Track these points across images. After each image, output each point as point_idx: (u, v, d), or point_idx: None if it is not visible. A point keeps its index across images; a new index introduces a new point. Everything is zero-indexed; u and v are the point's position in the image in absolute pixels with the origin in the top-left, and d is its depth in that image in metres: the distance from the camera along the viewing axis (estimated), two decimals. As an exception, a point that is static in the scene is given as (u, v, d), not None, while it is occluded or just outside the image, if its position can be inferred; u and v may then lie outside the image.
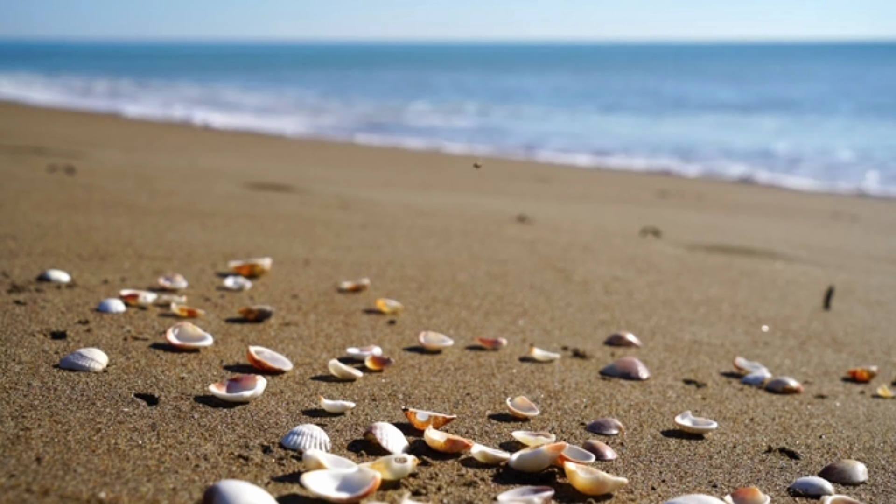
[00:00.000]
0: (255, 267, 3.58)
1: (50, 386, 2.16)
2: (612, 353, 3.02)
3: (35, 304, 2.88)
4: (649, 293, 3.98)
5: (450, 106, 26.49)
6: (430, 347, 2.84)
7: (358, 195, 6.80)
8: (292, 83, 38.28)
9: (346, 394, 2.36)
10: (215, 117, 20.45)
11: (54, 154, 8.21)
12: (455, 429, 2.19)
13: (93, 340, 2.56)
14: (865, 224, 8.16)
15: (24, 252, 3.60)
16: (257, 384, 2.24)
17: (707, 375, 2.86)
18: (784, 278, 4.66)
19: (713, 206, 8.92)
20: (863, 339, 3.52)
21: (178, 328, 2.60)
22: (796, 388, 2.75)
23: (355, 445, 2.01)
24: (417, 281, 3.81)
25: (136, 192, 5.73)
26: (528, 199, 7.97)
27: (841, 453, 2.27)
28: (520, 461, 1.94)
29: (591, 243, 5.22)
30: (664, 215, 7.44)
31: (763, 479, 2.06)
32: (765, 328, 3.55)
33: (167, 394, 2.21)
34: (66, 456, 1.77)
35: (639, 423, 2.36)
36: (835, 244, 6.38)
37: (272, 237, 4.54)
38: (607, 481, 1.86)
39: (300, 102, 27.34)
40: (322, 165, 10.40)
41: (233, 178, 7.33)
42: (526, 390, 2.53)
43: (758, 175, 12.96)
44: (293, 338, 2.83)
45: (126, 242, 4.01)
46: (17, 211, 4.54)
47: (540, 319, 3.37)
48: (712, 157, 15.09)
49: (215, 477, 1.76)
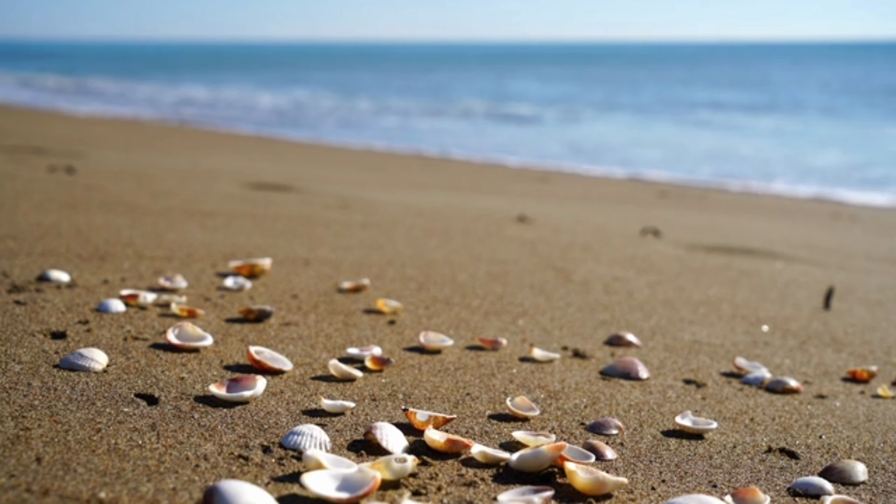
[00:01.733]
0: (255, 267, 3.58)
1: (50, 386, 2.16)
2: (612, 353, 3.02)
3: (35, 304, 2.88)
4: (649, 293, 3.98)
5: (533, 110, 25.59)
6: (430, 347, 2.84)
7: (358, 195, 6.80)
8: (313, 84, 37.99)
9: (346, 394, 2.36)
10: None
11: (54, 154, 8.22)
12: (455, 429, 2.19)
13: (93, 340, 2.56)
14: (865, 224, 8.17)
15: (24, 252, 3.60)
16: (257, 384, 2.24)
17: (707, 375, 2.86)
18: (784, 278, 4.66)
19: (713, 206, 8.92)
20: (863, 339, 3.52)
21: (178, 328, 2.60)
22: (796, 388, 2.75)
23: (355, 445, 2.01)
24: (417, 281, 3.81)
25: (136, 192, 5.73)
26: (528, 199, 7.97)
27: (841, 453, 2.27)
28: (520, 461, 1.94)
29: (591, 243, 5.22)
30: (664, 215, 7.44)
31: (763, 479, 2.06)
32: (765, 328, 3.55)
33: (167, 394, 2.21)
34: (66, 456, 1.77)
35: (639, 423, 2.36)
36: (835, 244, 6.38)
37: (272, 237, 4.54)
38: (607, 481, 1.86)
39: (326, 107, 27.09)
40: (322, 165, 10.40)
41: (233, 178, 7.33)
42: (526, 390, 2.53)
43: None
44: (293, 338, 2.83)
45: (126, 242, 4.01)
46: (17, 211, 4.54)
47: (540, 319, 3.37)
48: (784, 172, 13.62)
49: (215, 477, 1.76)
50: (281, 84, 37.77)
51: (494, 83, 40.74)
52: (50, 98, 25.69)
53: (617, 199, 8.82)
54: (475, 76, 47.80)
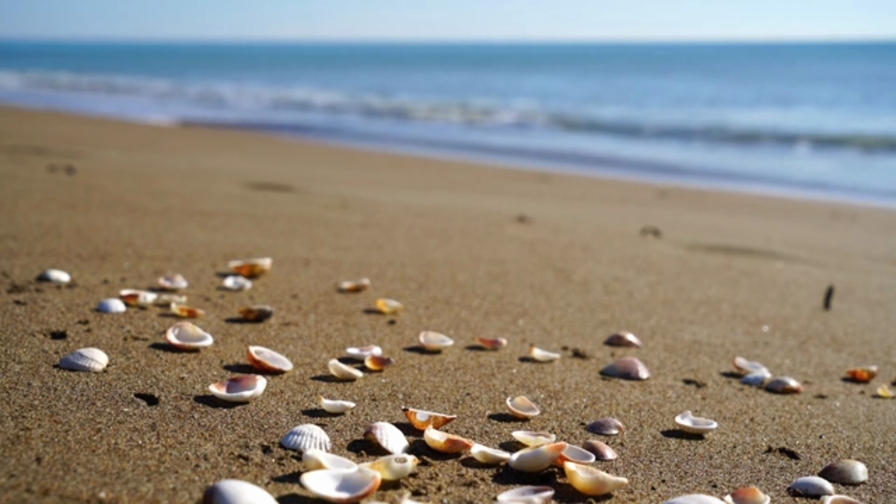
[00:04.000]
0: (255, 267, 3.58)
1: (50, 386, 2.16)
2: (612, 353, 3.02)
3: (35, 304, 2.88)
4: (649, 293, 3.98)
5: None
6: (430, 347, 2.84)
7: (358, 195, 6.80)
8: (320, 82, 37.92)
9: (346, 394, 2.36)
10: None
11: (54, 154, 8.22)
12: (455, 429, 2.19)
13: (93, 340, 2.56)
14: (865, 224, 8.16)
15: (24, 252, 3.60)
16: (257, 384, 2.24)
17: (707, 375, 2.86)
18: (784, 278, 4.66)
19: (713, 206, 8.92)
20: (863, 339, 3.52)
21: (178, 328, 2.60)
22: (796, 388, 2.75)
23: (355, 445, 2.01)
24: (417, 281, 3.81)
25: (136, 192, 5.73)
26: (528, 199, 7.97)
27: (841, 453, 2.27)
28: (520, 461, 1.94)
29: (591, 243, 5.22)
30: (664, 215, 7.44)
31: (763, 479, 2.06)
32: (765, 328, 3.55)
33: (167, 394, 2.21)
34: (66, 456, 1.77)
35: (639, 423, 2.36)
36: (835, 244, 6.38)
37: (272, 237, 4.54)
38: (607, 481, 1.86)
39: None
40: (322, 165, 10.40)
41: (233, 178, 7.33)
42: (526, 390, 2.53)
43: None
44: (293, 338, 2.83)
45: (126, 242, 4.01)
46: (17, 211, 4.54)
47: (540, 319, 3.37)
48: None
49: (215, 477, 1.76)
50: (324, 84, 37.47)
51: (505, 82, 40.51)
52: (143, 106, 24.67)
53: (617, 199, 8.82)
54: (488, 76, 47.54)
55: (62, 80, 36.68)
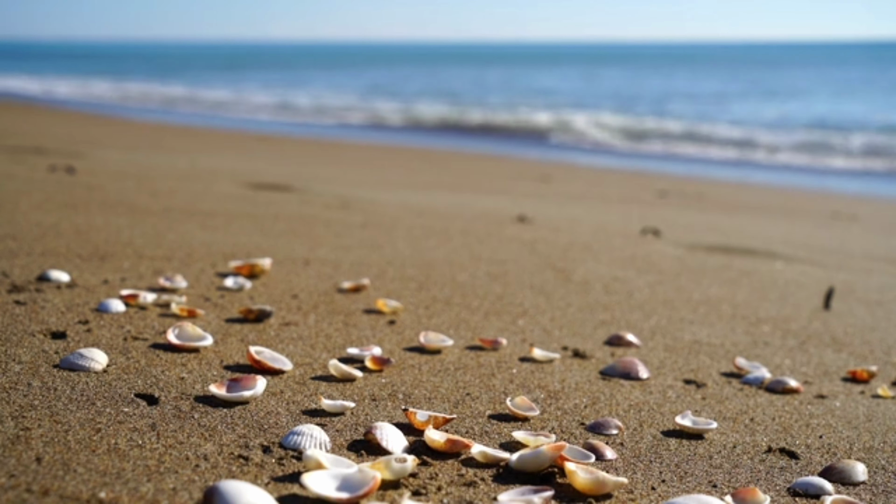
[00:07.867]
0: (255, 267, 3.58)
1: (50, 386, 2.16)
2: (612, 353, 3.02)
3: (35, 304, 2.88)
4: (649, 293, 3.98)
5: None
6: (430, 347, 2.84)
7: (358, 195, 6.80)
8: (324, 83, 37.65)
9: (346, 394, 2.36)
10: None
11: (54, 154, 8.22)
12: (455, 429, 2.19)
13: (93, 340, 2.56)
14: (865, 224, 8.16)
15: (24, 252, 3.60)
16: (257, 384, 2.24)
17: (707, 375, 2.86)
18: (784, 278, 4.66)
19: (713, 206, 8.92)
20: (863, 339, 3.52)
21: (178, 328, 2.60)
22: (796, 388, 2.75)
23: (355, 445, 2.01)
24: (417, 281, 3.81)
25: (136, 192, 5.73)
26: (528, 199, 7.97)
27: (841, 453, 2.27)
28: (520, 461, 1.94)
29: (591, 243, 5.22)
30: (664, 215, 7.44)
31: (763, 479, 2.06)
32: (765, 328, 3.55)
33: (167, 394, 2.21)
34: (66, 456, 1.77)
35: (639, 423, 2.36)
36: (835, 244, 6.38)
37: (272, 237, 4.54)
38: (607, 481, 1.86)
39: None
40: (322, 165, 10.40)
41: (233, 178, 7.33)
42: (526, 390, 2.53)
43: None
44: (293, 338, 2.83)
45: (126, 242, 4.01)
46: (17, 211, 4.54)
47: (540, 319, 3.37)
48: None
49: (215, 477, 1.76)
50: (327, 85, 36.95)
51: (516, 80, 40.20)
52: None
53: (617, 199, 8.82)
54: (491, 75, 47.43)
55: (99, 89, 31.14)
